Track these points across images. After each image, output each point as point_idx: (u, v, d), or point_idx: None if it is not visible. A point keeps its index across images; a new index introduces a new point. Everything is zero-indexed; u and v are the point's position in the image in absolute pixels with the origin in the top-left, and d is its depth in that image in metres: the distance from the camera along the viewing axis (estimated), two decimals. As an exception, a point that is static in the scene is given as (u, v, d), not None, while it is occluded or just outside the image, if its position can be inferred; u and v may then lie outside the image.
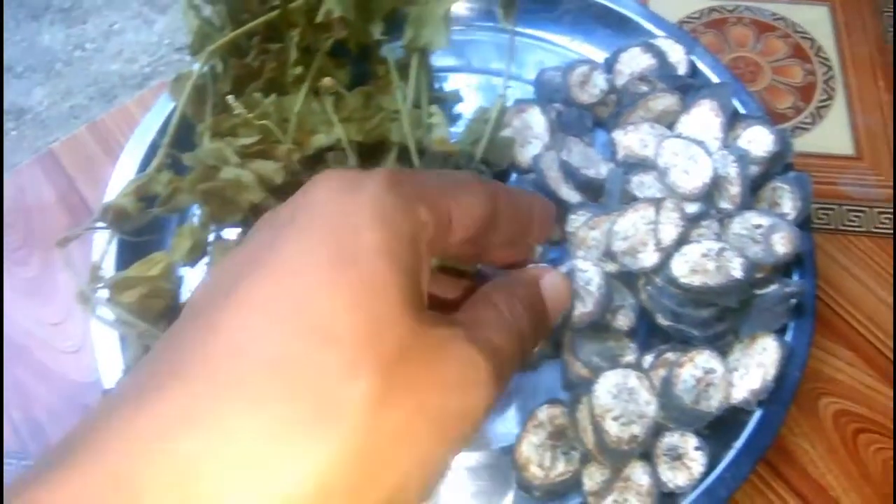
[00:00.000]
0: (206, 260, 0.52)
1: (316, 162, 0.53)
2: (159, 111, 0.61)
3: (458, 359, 0.24)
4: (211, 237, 0.52)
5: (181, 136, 0.54)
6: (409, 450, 0.22)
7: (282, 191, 0.50)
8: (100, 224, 0.51)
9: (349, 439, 0.21)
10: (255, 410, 0.20)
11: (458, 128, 0.62)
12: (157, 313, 0.49)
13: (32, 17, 1.62)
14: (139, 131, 0.60)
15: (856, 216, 0.63)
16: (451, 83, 0.67)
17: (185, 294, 0.52)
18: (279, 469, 0.20)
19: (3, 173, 0.67)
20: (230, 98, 0.52)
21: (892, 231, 0.62)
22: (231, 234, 0.52)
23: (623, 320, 0.51)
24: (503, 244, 0.31)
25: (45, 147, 0.69)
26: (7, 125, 1.57)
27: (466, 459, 0.51)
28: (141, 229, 0.53)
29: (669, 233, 0.50)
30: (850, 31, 0.75)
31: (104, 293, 0.49)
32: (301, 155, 0.53)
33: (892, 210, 0.63)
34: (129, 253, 0.53)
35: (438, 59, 0.65)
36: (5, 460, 0.54)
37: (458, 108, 0.65)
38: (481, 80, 0.67)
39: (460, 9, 0.68)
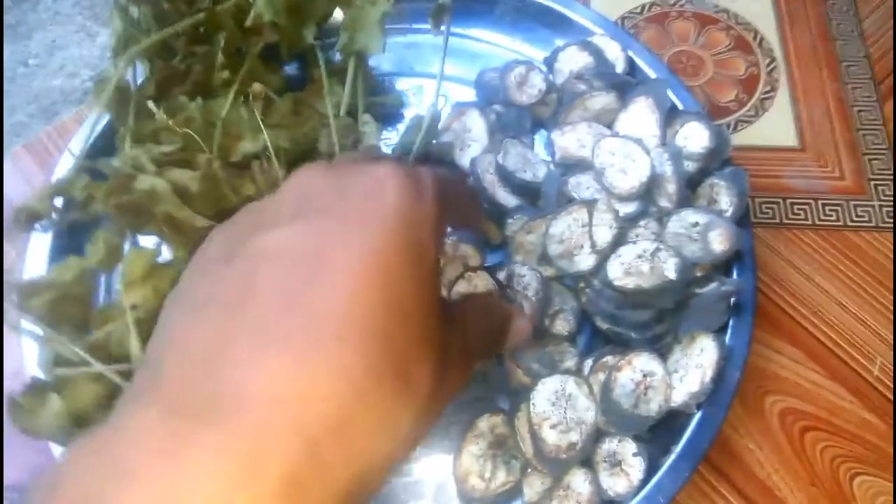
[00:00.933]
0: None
1: (241, 169, 0.50)
2: (93, 123, 0.57)
3: (459, 354, 0.29)
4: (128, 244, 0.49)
5: (111, 141, 0.50)
6: (436, 411, 0.27)
7: (200, 199, 0.46)
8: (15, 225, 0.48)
9: (419, 399, 0.25)
10: (366, 363, 0.23)
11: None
12: (71, 319, 0.46)
13: None
14: (73, 143, 0.56)
15: (800, 209, 0.60)
16: (395, 87, 0.63)
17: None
18: (385, 416, 0.24)
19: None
20: (150, 103, 0.49)
21: (837, 224, 0.59)
22: (149, 241, 0.48)
23: (562, 325, 0.48)
24: None
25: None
26: (-52, 145, 1.49)
27: (406, 473, 0.48)
28: (77, 230, 0.49)
29: (604, 235, 0.47)
30: (792, 22, 0.71)
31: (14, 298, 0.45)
32: (224, 162, 0.49)
33: (838, 203, 0.60)
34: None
35: (381, 63, 0.62)
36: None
37: (403, 113, 0.62)
38: (424, 83, 0.63)
39: (401, 12, 0.64)
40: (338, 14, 0.58)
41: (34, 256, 0.53)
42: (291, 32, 0.54)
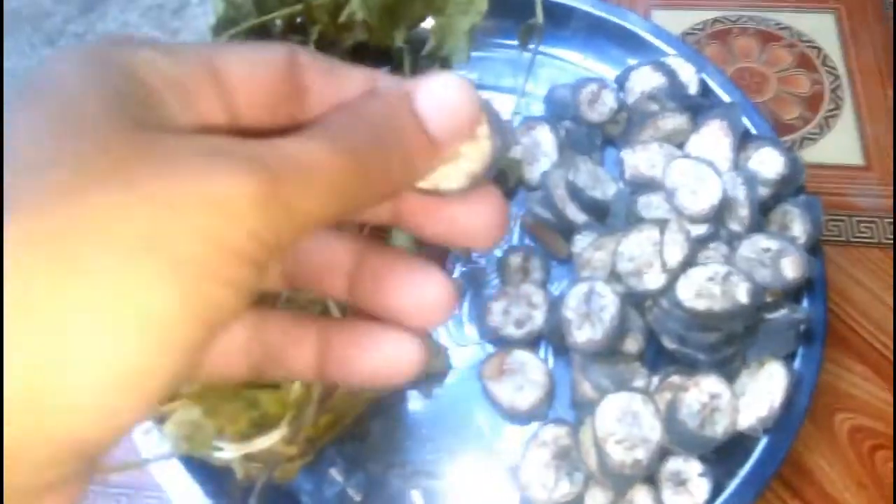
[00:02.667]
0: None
1: None
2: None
3: (191, 165, 0.17)
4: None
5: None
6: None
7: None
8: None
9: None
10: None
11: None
12: None
13: (48, 43, 1.50)
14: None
15: (866, 227, 0.56)
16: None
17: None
18: None
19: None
20: None
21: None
22: None
23: (632, 344, 0.45)
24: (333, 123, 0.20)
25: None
26: (19, 152, 1.47)
27: (468, 476, 0.46)
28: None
29: (675, 254, 0.44)
30: (856, 39, 0.67)
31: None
32: None
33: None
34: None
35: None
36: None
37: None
38: (492, 97, 0.60)
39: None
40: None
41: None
42: (382, 33, 0.52)
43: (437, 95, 0.20)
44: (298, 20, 0.52)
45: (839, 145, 0.61)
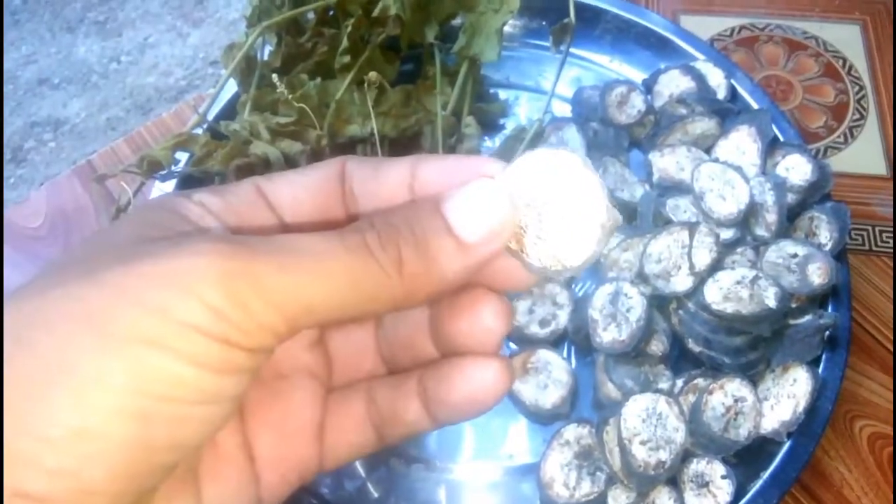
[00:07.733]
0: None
1: (346, 149, 0.50)
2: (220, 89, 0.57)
3: (161, 254, 0.19)
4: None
5: (233, 111, 0.51)
6: None
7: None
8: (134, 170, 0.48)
9: None
10: None
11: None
12: None
13: (68, 30, 1.50)
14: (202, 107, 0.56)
15: (889, 237, 0.57)
16: (496, 96, 0.62)
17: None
18: None
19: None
20: (275, 76, 0.49)
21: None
22: None
23: (657, 346, 0.46)
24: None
25: (82, 158, 0.64)
26: (44, 136, 1.48)
27: (489, 475, 0.47)
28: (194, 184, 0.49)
29: (703, 258, 0.45)
30: (881, 50, 0.68)
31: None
32: (331, 142, 0.50)
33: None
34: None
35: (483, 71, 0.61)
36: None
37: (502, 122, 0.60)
38: (520, 95, 0.62)
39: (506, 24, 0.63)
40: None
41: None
42: (414, 28, 0.54)
43: (467, 199, 0.20)
44: (331, 13, 0.53)
45: (863, 155, 0.62)
